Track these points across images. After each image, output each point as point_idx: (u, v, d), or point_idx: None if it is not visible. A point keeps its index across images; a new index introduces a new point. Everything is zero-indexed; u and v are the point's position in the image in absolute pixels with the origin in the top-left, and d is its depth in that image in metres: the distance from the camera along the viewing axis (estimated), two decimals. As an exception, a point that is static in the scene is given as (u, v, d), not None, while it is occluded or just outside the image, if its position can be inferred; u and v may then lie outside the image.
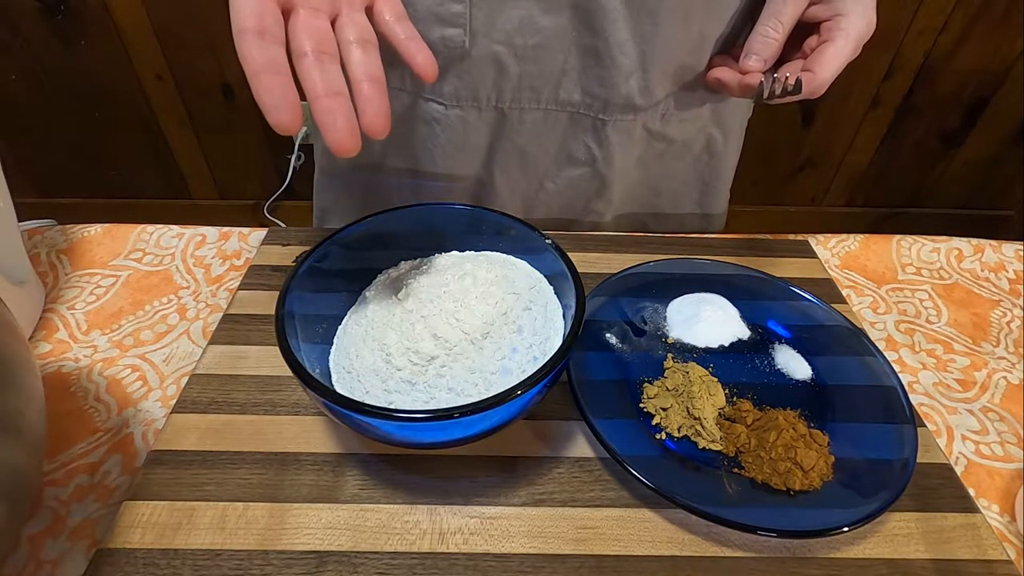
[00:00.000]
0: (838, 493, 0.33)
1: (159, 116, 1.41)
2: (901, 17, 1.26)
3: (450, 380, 0.33)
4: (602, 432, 0.34)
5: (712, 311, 0.43)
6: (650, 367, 0.40)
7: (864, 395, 0.38)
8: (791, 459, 0.34)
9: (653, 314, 0.43)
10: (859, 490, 0.33)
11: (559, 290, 0.37)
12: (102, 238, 0.51)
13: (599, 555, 0.31)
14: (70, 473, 0.35)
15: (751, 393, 0.38)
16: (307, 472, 0.34)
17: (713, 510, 0.31)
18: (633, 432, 0.36)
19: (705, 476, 0.34)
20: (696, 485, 0.33)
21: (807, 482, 0.33)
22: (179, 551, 0.31)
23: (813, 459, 0.33)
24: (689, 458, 0.35)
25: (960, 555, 0.32)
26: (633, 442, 0.35)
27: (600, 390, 0.37)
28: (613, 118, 0.48)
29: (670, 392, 0.38)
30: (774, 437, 0.34)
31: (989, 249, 0.53)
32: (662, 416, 0.37)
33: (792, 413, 0.36)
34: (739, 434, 0.35)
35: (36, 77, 1.32)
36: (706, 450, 0.35)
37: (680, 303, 0.44)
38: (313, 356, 0.34)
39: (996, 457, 0.38)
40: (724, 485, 0.33)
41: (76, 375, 0.40)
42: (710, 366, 0.39)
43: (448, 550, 0.31)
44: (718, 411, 0.37)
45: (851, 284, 0.50)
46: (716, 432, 0.36)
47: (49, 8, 1.23)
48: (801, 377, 0.40)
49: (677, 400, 0.37)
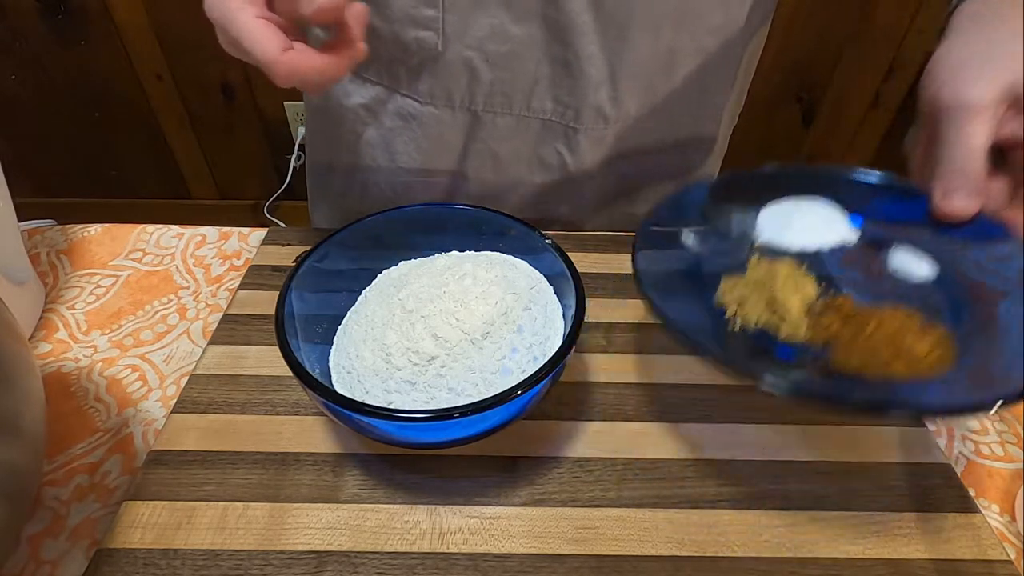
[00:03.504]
0: (963, 378, 0.28)
1: (159, 116, 1.41)
2: (901, 17, 1.26)
3: (450, 380, 0.33)
4: (666, 313, 0.29)
5: (810, 211, 0.37)
6: (731, 264, 0.35)
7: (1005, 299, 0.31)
8: (897, 345, 0.29)
9: (741, 219, 0.38)
10: (994, 375, 0.27)
11: (559, 290, 0.37)
12: (102, 238, 0.51)
13: (599, 555, 0.31)
14: (70, 473, 0.35)
15: (852, 291, 0.33)
16: (307, 472, 0.34)
17: (808, 386, 0.26)
18: (702, 321, 0.32)
19: (784, 368, 0.30)
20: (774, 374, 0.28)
21: (915, 370, 0.28)
22: (179, 551, 0.31)
23: (927, 347, 0.28)
24: (766, 348, 0.30)
25: (960, 555, 0.32)
26: (701, 330, 0.30)
27: (668, 281, 0.33)
28: (584, 127, 0.49)
29: (751, 284, 0.33)
30: (875, 326, 0.30)
31: (989, 249, 0.53)
32: (738, 308, 0.32)
33: (903, 309, 0.31)
34: (830, 324, 0.30)
35: (36, 77, 1.32)
36: (788, 343, 0.30)
37: (775, 208, 0.38)
38: (313, 356, 0.34)
39: (996, 457, 0.38)
40: (809, 376, 0.29)
41: (76, 375, 0.40)
42: (804, 264, 0.34)
43: (448, 550, 0.31)
44: (807, 305, 0.32)
45: (851, 284, 0.50)
46: (802, 322, 0.31)
47: (49, 8, 1.23)
48: (921, 276, 0.33)
49: (757, 292, 0.33)
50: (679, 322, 0.28)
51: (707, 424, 0.37)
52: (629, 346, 0.42)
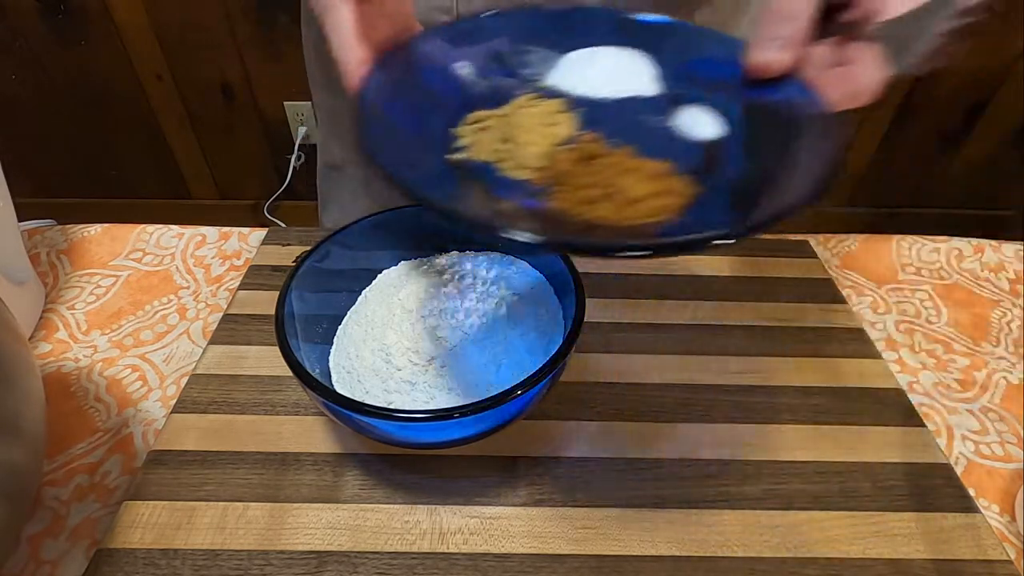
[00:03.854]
0: (674, 226, 0.25)
1: (159, 116, 1.41)
2: (901, 17, 1.26)
3: (450, 380, 0.33)
4: (373, 142, 0.25)
5: (610, 59, 0.33)
6: (493, 100, 0.31)
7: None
8: (609, 186, 0.26)
9: (540, 60, 0.33)
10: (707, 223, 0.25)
11: (559, 290, 0.37)
12: (102, 238, 0.51)
13: (599, 555, 0.31)
14: (70, 473, 0.35)
15: (616, 139, 0.29)
16: (307, 472, 0.34)
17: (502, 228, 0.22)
18: (422, 152, 0.28)
19: (496, 202, 0.27)
20: (474, 206, 0.26)
21: (624, 215, 0.25)
22: (179, 551, 0.31)
23: (644, 190, 0.26)
24: (482, 181, 0.27)
25: (960, 555, 0.32)
26: (415, 164, 0.27)
27: (404, 110, 0.29)
28: None
29: (498, 117, 0.30)
30: (599, 166, 0.27)
31: (989, 249, 0.53)
32: (473, 139, 0.29)
33: (654, 160, 0.28)
34: (562, 162, 0.27)
35: (36, 77, 1.32)
36: (510, 179, 0.27)
37: (582, 52, 0.34)
38: (313, 356, 0.34)
39: (996, 457, 0.38)
40: (513, 213, 0.26)
41: (76, 375, 0.40)
42: (576, 108, 0.31)
43: (448, 550, 0.31)
44: (553, 144, 0.28)
45: (851, 284, 0.50)
46: (532, 161, 0.28)
47: (49, 8, 1.23)
48: (698, 136, 0.30)
49: (501, 126, 0.29)
50: (383, 152, 0.25)
51: (707, 424, 0.37)
52: (629, 346, 0.42)
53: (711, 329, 0.44)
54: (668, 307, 0.45)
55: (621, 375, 0.40)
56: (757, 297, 0.46)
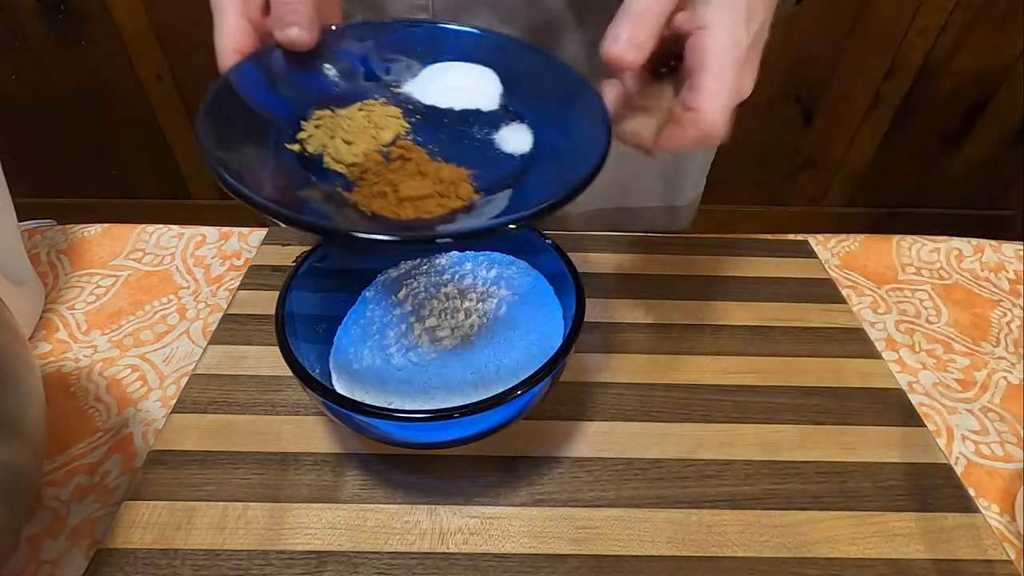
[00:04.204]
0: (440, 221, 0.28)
1: (159, 116, 1.41)
2: (901, 17, 1.26)
3: (450, 380, 0.33)
4: (204, 123, 0.27)
5: (463, 74, 0.36)
6: (347, 100, 0.33)
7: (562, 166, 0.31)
8: (393, 184, 0.29)
9: (404, 68, 0.36)
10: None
11: (559, 290, 0.37)
12: (102, 238, 0.51)
13: (599, 555, 0.31)
14: (70, 473, 0.35)
15: (435, 146, 0.32)
16: (307, 472, 0.34)
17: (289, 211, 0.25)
18: (266, 139, 0.30)
19: (307, 185, 0.29)
20: (287, 189, 0.28)
21: (402, 212, 0.28)
22: (179, 551, 0.31)
23: (422, 190, 0.28)
24: (301, 169, 0.30)
25: (960, 555, 0.32)
26: (253, 150, 0.29)
27: (265, 99, 0.31)
28: None
29: (339, 116, 0.32)
30: (395, 166, 0.30)
31: (989, 249, 0.53)
32: (311, 132, 0.31)
33: (457, 167, 0.30)
34: (370, 161, 0.30)
35: (36, 77, 1.32)
36: (329, 168, 0.30)
37: (440, 66, 0.36)
38: (313, 356, 0.34)
39: (996, 457, 0.38)
40: (326, 200, 0.28)
41: (76, 375, 0.40)
42: (415, 116, 0.34)
43: (448, 550, 0.31)
44: (379, 146, 0.31)
45: (851, 284, 0.50)
46: (348, 157, 0.30)
47: (49, 8, 1.23)
48: (510, 150, 0.33)
49: (336, 123, 0.32)
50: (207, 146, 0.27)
51: (707, 424, 0.37)
52: (629, 346, 0.42)
53: (711, 329, 0.44)
54: (668, 307, 0.45)
55: (621, 375, 0.40)
56: (757, 297, 0.46)
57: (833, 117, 1.43)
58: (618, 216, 0.60)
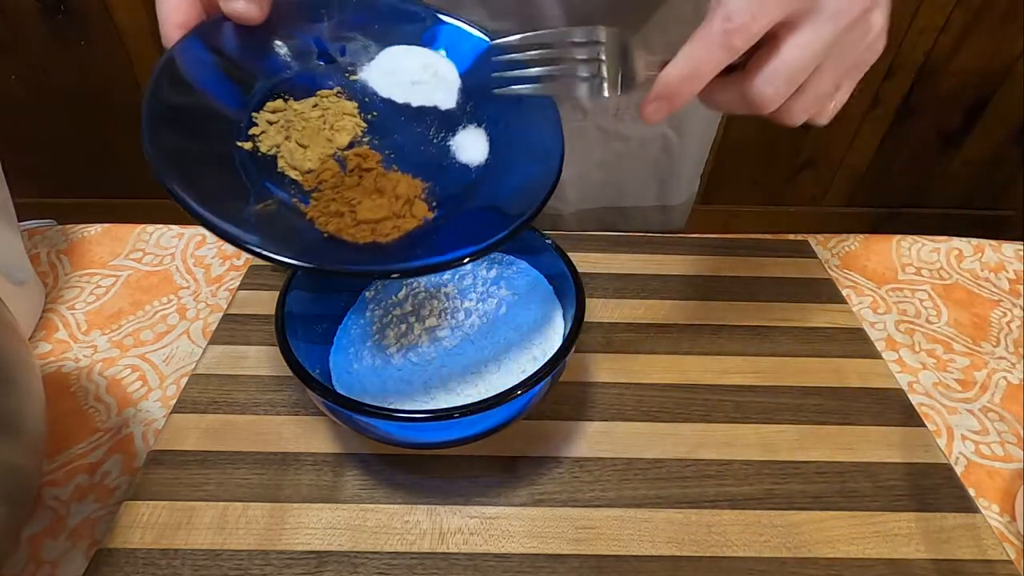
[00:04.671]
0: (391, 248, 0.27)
1: (159, 116, 1.40)
2: (901, 17, 1.26)
3: (450, 380, 0.33)
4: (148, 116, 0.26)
5: (420, 66, 0.34)
6: (301, 88, 0.31)
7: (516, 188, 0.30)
8: (350, 203, 0.28)
9: (361, 50, 0.34)
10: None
11: (559, 290, 0.37)
12: (102, 238, 0.51)
13: (599, 555, 0.31)
14: (70, 473, 0.35)
15: (391, 152, 0.31)
16: (307, 472, 0.34)
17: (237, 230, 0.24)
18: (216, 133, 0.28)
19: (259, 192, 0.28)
20: (235, 197, 0.26)
21: (359, 234, 0.27)
22: (179, 551, 0.31)
23: (380, 212, 0.28)
24: (253, 170, 0.28)
25: (960, 555, 0.32)
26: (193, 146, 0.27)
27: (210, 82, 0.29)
28: (562, 118, 0.49)
29: (295, 112, 0.30)
30: (352, 180, 0.29)
31: (989, 249, 0.53)
32: (264, 128, 0.30)
33: (413, 180, 0.30)
34: (326, 171, 0.29)
35: (36, 77, 1.32)
36: (283, 174, 0.29)
37: (401, 49, 0.34)
38: (313, 356, 0.34)
39: (996, 457, 0.38)
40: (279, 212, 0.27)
41: (76, 375, 0.40)
42: (371, 113, 0.32)
43: (448, 550, 0.31)
44: (333, 151, 0.30)
45: (851, 284, 0.50)
46: (303, 163, 0.29)
47: (49, 8, 1.23)
48: (465, 160, 0.32)
49: (290, 121, 0.30)
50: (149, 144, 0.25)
51: (707, 424, 0.37)
52: (629, 346, 0.42)
53: (711, 329, 0.44)
54: (668, 307, 0.45)
55: (621, 375, 0.40)
56: (757, 297, 0.46)
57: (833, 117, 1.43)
58: (611, 215, 0.60)
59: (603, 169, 0.55)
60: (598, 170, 0.55)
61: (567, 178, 0.54)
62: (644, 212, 0.60)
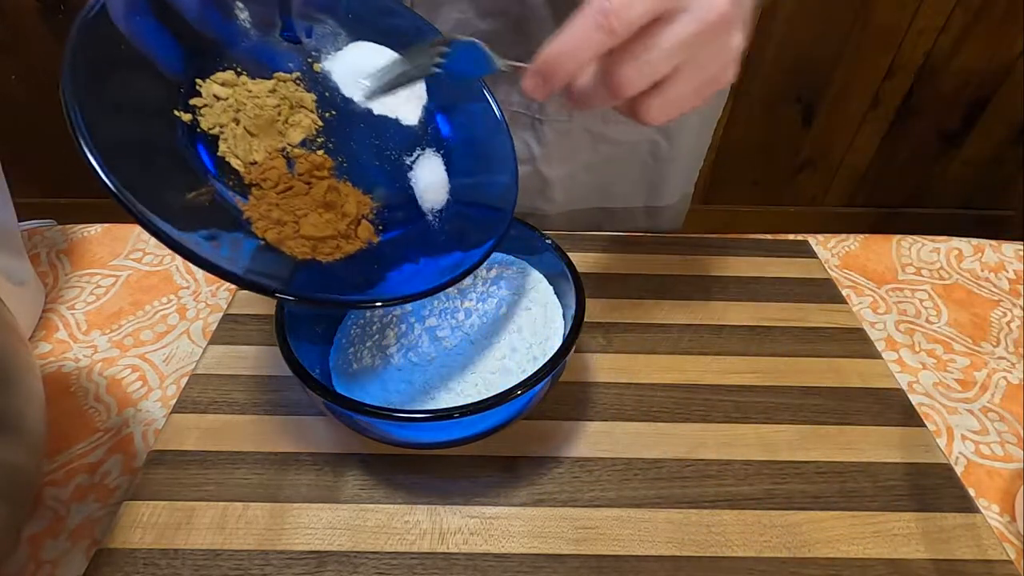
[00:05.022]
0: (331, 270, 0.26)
1: (159, 116, 1.41)
2: (901, 17, 1.26)
3: (450, 380, 0.33)
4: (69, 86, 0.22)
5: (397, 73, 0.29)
6: (255, 64, 0.28)
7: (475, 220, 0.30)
8: (294, 213, 0.26)
9: (328, 35, 0.31)
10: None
11: (559, 290, 0.37)
12: (102, 238, 0.51)
13: (599, 555, 0.31)
14: (70, 473, 0.35)
15: (344, 160, 0.29)
16: (307, 472, 0.34)
17: (160, 221, 0.21)
18: (148, 93, 0.25)
19: (187, 175, 0.25)
20: (169, 179, 0.24)
21: (298, 248, 0.26)
22: (179, 551, 0.31)
23: (325, 230, 0.26)
24: (187, 145, 0.26)
25: (960, 555, 0.32)
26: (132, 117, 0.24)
27: (154, 42, 0.26)
28: (549, 118, 0.50)
29: (247, 93, 0.28)
30: (299, 188, 0.27)
31: (989, 249, 0.53)
32: (207, 101, 0.27)
33: (363, 196, 0.28)
34: (272, 169, 0.27)
35: (36, 77, 1.32)
36: (223, 159, 0.26)
37: (371, 47, 0.31)
38: (313, 356, 0.34)
39: (996, 457, 0.38)
40: (214, 206, 0.25)
41: (76, 375, 0.40)
42: (329, 112, 0.30)
43: (448, 550, 0.31)
44: (283, 146, 0.28)
45: (851, 284, 0.50)
46: (251, 153, 0.27)
47: (49, 8, 1.23)
48: (421, 185, 0.31)
49: (241, 102, 0.27)
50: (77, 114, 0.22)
51: (707, 424, 0.37)
52: (629, 346, 0.42)
53: (711, 329, 0.44)
54: (668, 307, 0.45)
55: (621, 375, 0.40)
56: (757, 297, 0.46)
57: (833, 117, 1.43)
58: (598, 216, 0.60)
59: (591, 171, 0.55)
60: (586, 172, 0.55)
61: (554, 178, 0.54)
62: (632, 213, 0.60)
